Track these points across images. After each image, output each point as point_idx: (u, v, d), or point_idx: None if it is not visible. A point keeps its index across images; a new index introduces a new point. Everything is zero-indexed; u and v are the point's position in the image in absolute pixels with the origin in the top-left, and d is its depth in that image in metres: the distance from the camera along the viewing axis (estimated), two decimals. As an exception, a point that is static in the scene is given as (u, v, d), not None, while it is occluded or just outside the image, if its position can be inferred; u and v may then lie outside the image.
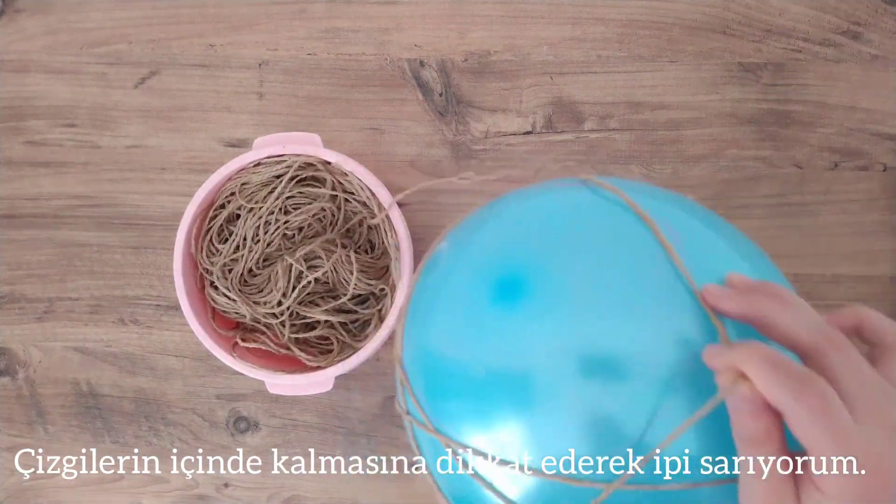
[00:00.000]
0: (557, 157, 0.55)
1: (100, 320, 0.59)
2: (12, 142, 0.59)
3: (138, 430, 0.58)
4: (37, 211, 0.59)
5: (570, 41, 0.56)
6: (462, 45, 0.56)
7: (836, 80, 0.54)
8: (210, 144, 0.58)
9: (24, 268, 0.59)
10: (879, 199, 0.54)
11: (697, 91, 0.55)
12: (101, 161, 0.59)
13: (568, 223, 0.32)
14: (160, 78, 0.58)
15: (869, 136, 0.54)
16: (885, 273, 0.54)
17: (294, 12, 0.57)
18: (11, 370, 0.59)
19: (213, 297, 0.52)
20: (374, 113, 0.57)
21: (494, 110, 0.56)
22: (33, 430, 0.59)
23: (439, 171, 0.56)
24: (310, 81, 0.57)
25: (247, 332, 0.54)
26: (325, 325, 0.53)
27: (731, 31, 0.55)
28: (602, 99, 0.55)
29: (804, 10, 0.54)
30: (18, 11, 0.59)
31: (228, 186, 0.52)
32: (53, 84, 0.59)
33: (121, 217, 0.58)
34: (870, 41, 0.54)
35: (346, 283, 0.51)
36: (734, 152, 0.55)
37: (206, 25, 0.58)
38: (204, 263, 0.52)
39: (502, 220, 0.34)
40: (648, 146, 0.55)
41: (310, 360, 0.52)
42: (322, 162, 0.52)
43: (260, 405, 0.57)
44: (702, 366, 0.27)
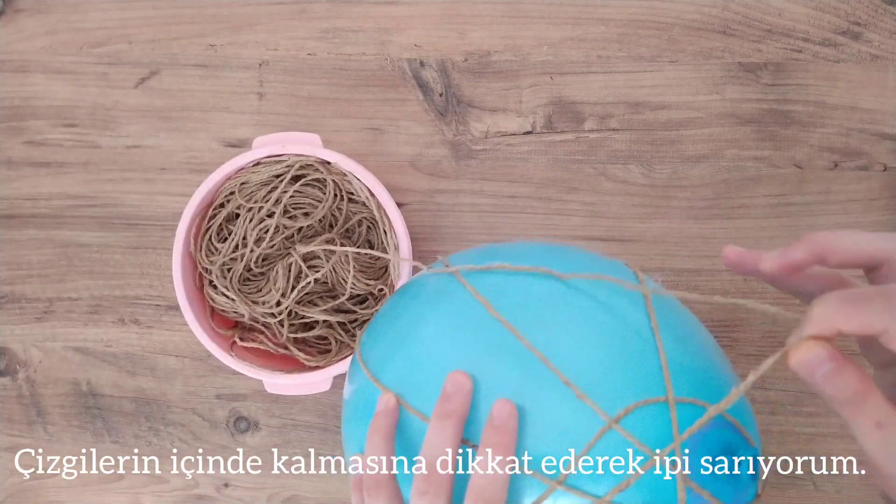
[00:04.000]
0: (556, 158, 0.55)
1: (100, 320, 0.59)
2: (12, 142, 0.59)
3: (138, 430, 0.58)
4: (36, 211, 0.59)
5: (570, 41, 0.56)
6: (462, 45, 0.56)
7: (836, 80, 0.54)
8: (210, 144, 0.58)
9: (24, 268, 0.59)
10: (879, 199, 0.54)
11: (697, 91, 0.55)
12: (101, 161, 0.59)
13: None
14: (160, 78, 0.58)
15: (869, 136, 0.54)
16: (886, 273, 0.54)
17: (294, 12, 0.57)
18: (11, 370, 0.59)
19: (211, 296, 0.52)
20: (373, 113, 0.57)
21: (494, 110, 0.56)
22: (33, 430, 0.59)
23: (439, 171, 0.56)
24: (310, 81, 0.57)
25: (245, 332, 0.54)
26: (323, 324, 0.53)
27: (731, 31, 0.55)
28: (602, 99, 0.55)
29: (804, 9, 0.54)
30: (18, 11, 0.59)
31: (228, 186, 0.52)
32: (53, 84, 0.59)
33: (121, 217, 0.58)
34: (870, 41, 0.54)
35: (344, 282, 0.51)
36: (734, 152, 0.55)
37: (206, 25, 0.58)
38: (203, 262, 0.52)
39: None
40: (648, 146, 0.55)
41: (308, 360, 0.52)
42: (321, 162, 0.52)
43: (260, 405, 0.57)
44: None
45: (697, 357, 0.32)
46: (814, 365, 0.25)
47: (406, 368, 0.34)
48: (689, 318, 0.35)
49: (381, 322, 0.38)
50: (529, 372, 0.30)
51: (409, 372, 0.34)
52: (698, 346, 0.33)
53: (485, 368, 0.31)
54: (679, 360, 0.31)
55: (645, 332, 0.31)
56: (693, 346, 0.32)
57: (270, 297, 0.52)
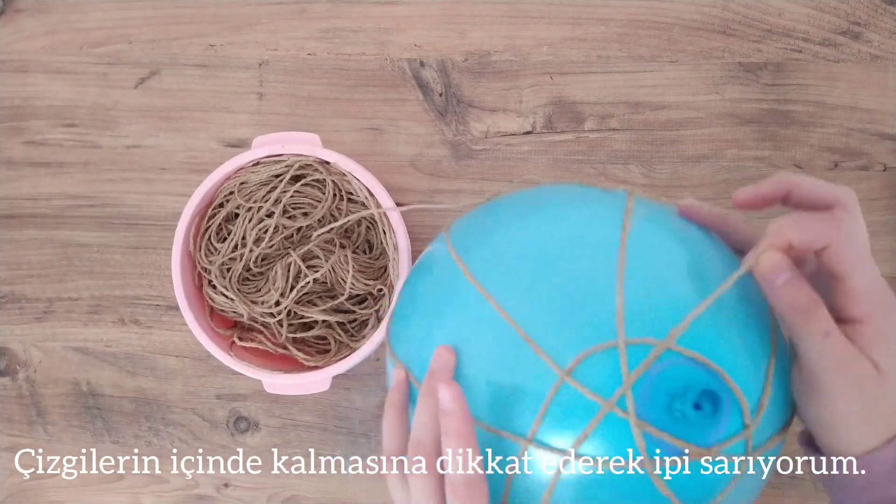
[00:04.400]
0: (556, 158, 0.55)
1: (100, 320, 0.59)
2: (12, 142, 0.59)
3: (138, 430, 0.58)
4: (36, 211, 0.59)
5: (570, 41, 0.56)
6: (462, 45, 0.56)
7: (836, 80, 0.54)
8: (210, 144, 0.58)
9: (24, 268, 0.59)
10: (879, 199, 0.54)
11: (697, 91, 0.55)
12: (101, 161, 0.59)
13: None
14: (160, 78, 0.58)
15: (869, 136, 0.54)
16: (886, 273, 0.54)
17: (294, 12, 0.57)
18: (11, 370, 0.59)
19: (210, 295, 0.52)
20: (373, 113, 0.57)
21: (494, 110, 0.56)
22: (33, 430, 0.59)
23: (439, 171, 0.56)
24: (310, 81, 0.57)
25: (244, 332, 0.54)
26: (322, 324, 0.53)
27: (731, 31, 0.55)
28: (602, 99, 0.55)
29: (804, 10, 0.54)
30: (18, 11, 0.59)
31: (227, 185, 0.52)
32: (53, 84, 0.59)
33: (121, 217, 0.58)
34: (870, 41, 0.54)
35: (343, 282, 0.51)
36: (734, 152, 0.55)
37: (206, 25, 0.58)
38: (202, 262, 0.52)
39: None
40: (648, 146, 0.55)
41: (307, 360, 0.52)
42: (321, 162, 0.52)
43: (260, 405, 0.57)
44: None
45: (673, 290, 0.30)
46: (777, 272, 0.28)
47: (413, 343, 0.35)
48: (686, 237, 0.33)
49: (399, 301, 0.39)
50: (505, 336, 0.30)
51: (416, 346, 0.34)
52: (682, 276, 0.31)
53: (465, 339, 0.31)
54: (650, 296, 0.30)
55: (611, 270, 0.30)
56: (673, 276, 0.31)
57: (269, 297, 0.52)
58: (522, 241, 0.33)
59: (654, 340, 0.29)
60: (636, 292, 0.30)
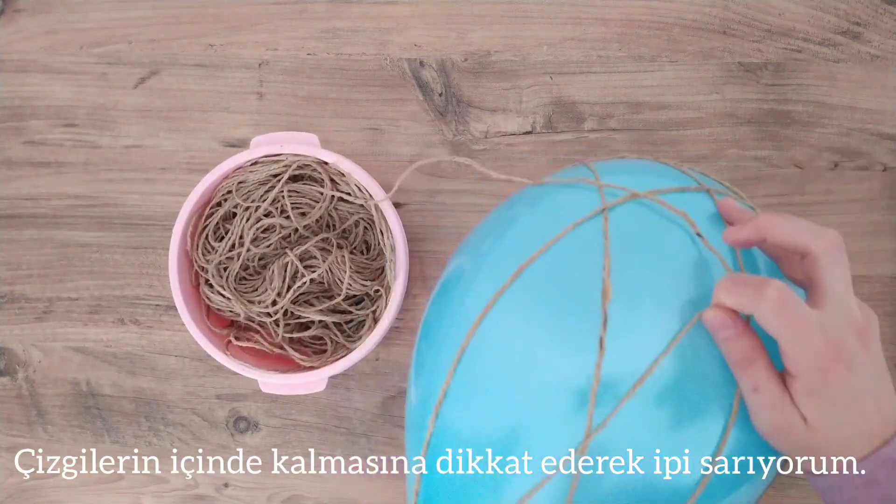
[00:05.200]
0: (556, 158, 0.55)
1: (100, 320, 0.59)
2: (12, 142, 0.59)
3: (138, 430, 0.58)
4: (36, 211, 0.59)
5: (570, 41, 0.55)
6: (462, 45, 0.56)
7: (836, 80, 0.54)
8: (210, 144, 0.58)
9: (24, 268, 0.59)
10: (879, 199, 0.54)
11: (697, 91, 0.55)
12: (100, 161, 0.59)
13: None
14: (160, 78, 0.58)
15: (869, 136, 0.54)
16: (886, 273, 0.54)
17: (294, 12, 0.57)
18: (11, 370, 0.59)
19: (207, 294, 0.52)
20: (373, 113, 0.57)
21: (494, 110, 0.56)
22: (33, 430, 0.59)
23: (439, 171, 0.56)
24: (309, 81, 0.57)
25: (241, 331, 0.54)
26: (319, 325, 0.53)
27: (731, 31, 0.55)
28: (602, 99, 0.55)
29: (804, 10, 0.54)
30: (18, 11, 0.59)
31: (225, 185, 0.52)
32: (53, 84, 0.59)
33: (120, 217, 0.58)
34: (870, 41, 0.54)
35: (340, 283, 0.51)
36: (734, 152, 0.55)
37: (205, 25, 0.58)
38: (199, 261, 0.52)
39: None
40: (648, 146, 0.55)
41: (303, 360, 0.52)
42: (319, 162, 0.52)
43: (260, 405, 0.57)
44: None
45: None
46: (717, 327, 0.31)
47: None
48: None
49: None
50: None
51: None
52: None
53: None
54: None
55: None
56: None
57: (266, 297, 0.51)
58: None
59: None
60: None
